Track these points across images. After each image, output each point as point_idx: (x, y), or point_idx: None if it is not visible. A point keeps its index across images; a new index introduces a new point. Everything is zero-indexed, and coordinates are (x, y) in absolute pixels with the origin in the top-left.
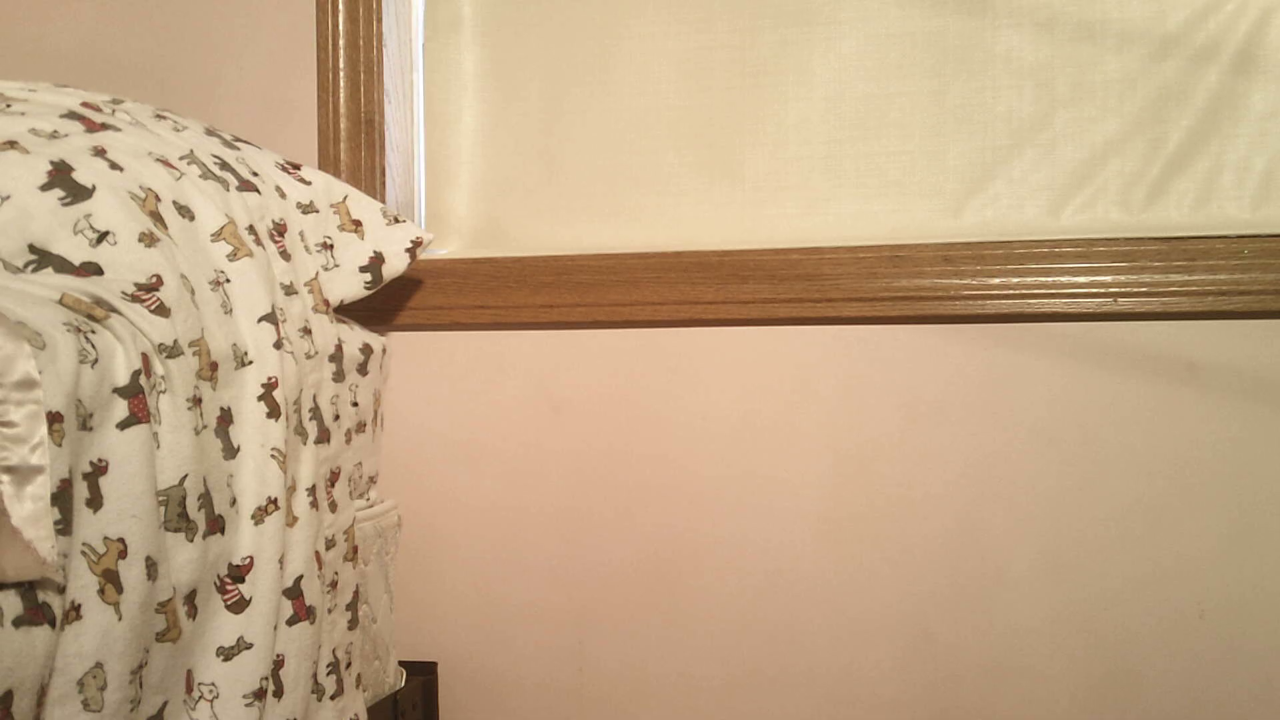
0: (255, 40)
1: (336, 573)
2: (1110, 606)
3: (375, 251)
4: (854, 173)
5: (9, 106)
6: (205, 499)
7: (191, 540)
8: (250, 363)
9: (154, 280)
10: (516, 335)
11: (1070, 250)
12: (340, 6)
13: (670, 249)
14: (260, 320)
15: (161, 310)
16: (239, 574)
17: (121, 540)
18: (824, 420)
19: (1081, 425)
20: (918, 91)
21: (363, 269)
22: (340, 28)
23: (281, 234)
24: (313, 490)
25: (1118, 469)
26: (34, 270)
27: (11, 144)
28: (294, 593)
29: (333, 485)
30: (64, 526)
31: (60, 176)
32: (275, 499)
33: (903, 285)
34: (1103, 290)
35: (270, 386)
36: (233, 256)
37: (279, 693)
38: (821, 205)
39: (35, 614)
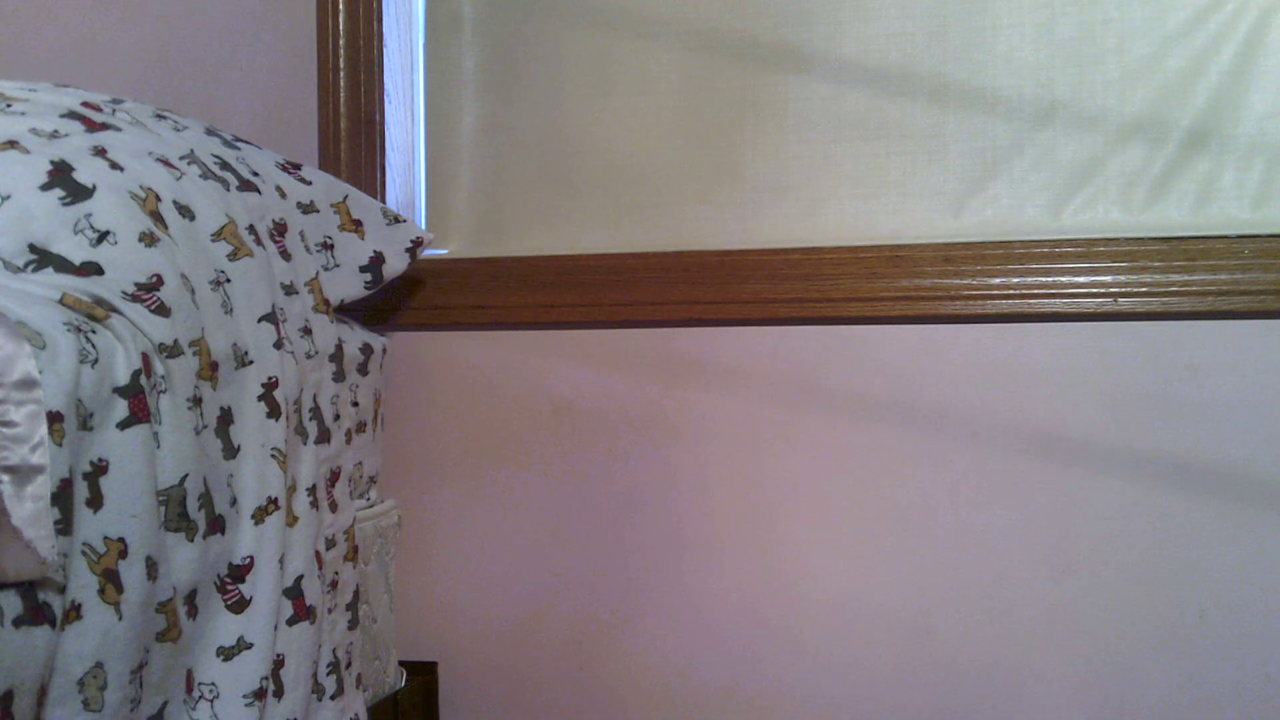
0: (255, 40)
1: (337, 573)
2: (1110, 606)
3: (375, 251)
4: (854, 173)
5: (9, 106)
6: (205, 499)
7: (192, 540)
8: (250, 362)
9: (154, 280)
10: (516, 335)
11: (1070, 250)
12: (340, 6)
13: (670, 249)
14: (260, 320)
15: (162, 310)
16: (239, 574)
17: (122, 540)
18: (824, 420)
19: (1082, 425)
20: (918, 91)
21: (363, 269)
22: (340, 28)
23: (282, 234)
24: (313, 490)
25: (1118, 469)
26: (34, 270)
27: (12, 144)
28: (294, 592)
29: (333, 485)
30: (64, 526)
31: (60, 176)
32: (275, 499)
33: (903, 285)
34: (1103, 290)
35: (270, 386)
36: (233, 256)
37: (279, 692)
38: (821, 205)
39: (35, 614)
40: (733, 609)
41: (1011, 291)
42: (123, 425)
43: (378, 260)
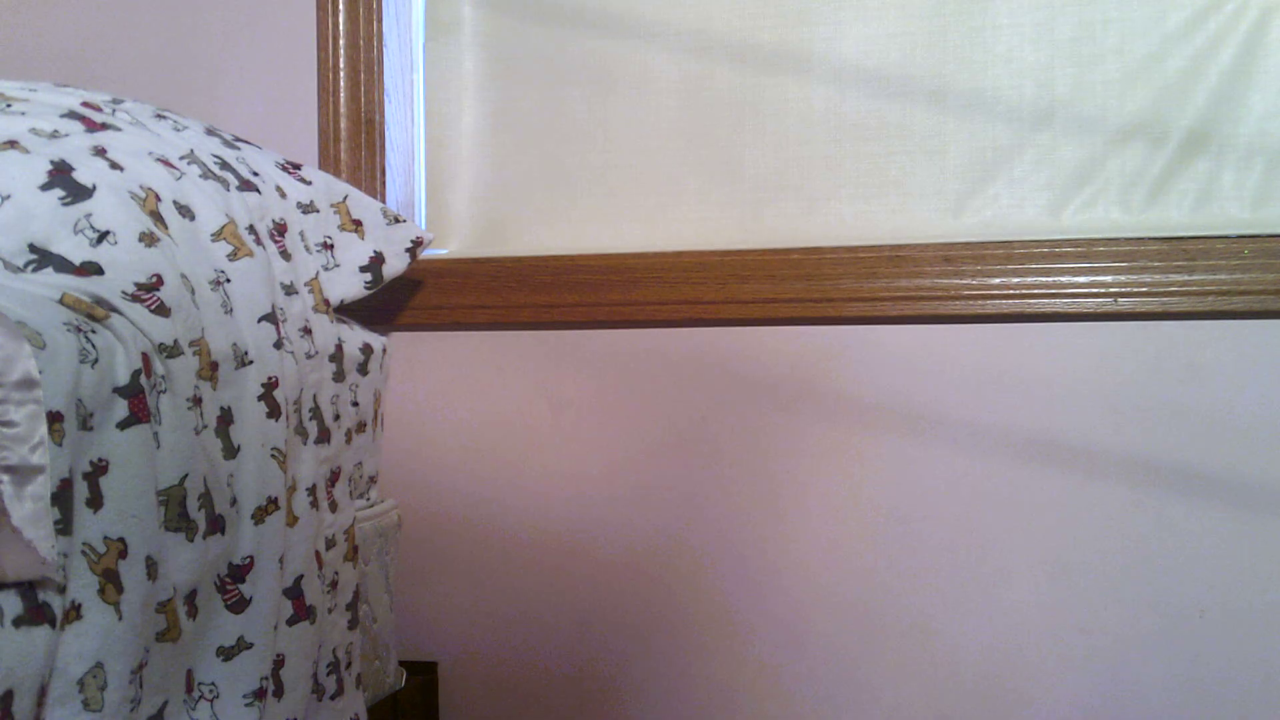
0: (255, 40)
1: (336, 572)
2: (1110, 606)
3: (375, 251)
4: (854, 173)
5: (9, 106)
6: (205, 499)
7: (192, 540)
8: (250, 362)
9: (154, 280)
10: (516, 335)
11: (1071, 250)
12: (340, 6)
13: (670, 249)
14: (260, 320)
15: (162, 310)
16: (239, 574)
17: (122, 540)
18: (824, 420)
19: (1081, 425)
20: (918, 92)
21: (363, 269)
22: (340, 28)
23: (282, 234)
24: (313, 490)
25: (1117, 469)
26: (34, 270)
27: (12, 144)
28: (294, 592)
29: (333, 485)
30: (64, 526)
31: (60, 176)
32: (275, 499)
33: (903, 285)
34: (1103, 290)
35: (270, 386)
36: (233, 256)
37: (279, 692)
38: (821, 205)
39: (35, 614)
40: (732, 609)
41: (1011, 291)
42: (123, 425)
43: (378, 260)
